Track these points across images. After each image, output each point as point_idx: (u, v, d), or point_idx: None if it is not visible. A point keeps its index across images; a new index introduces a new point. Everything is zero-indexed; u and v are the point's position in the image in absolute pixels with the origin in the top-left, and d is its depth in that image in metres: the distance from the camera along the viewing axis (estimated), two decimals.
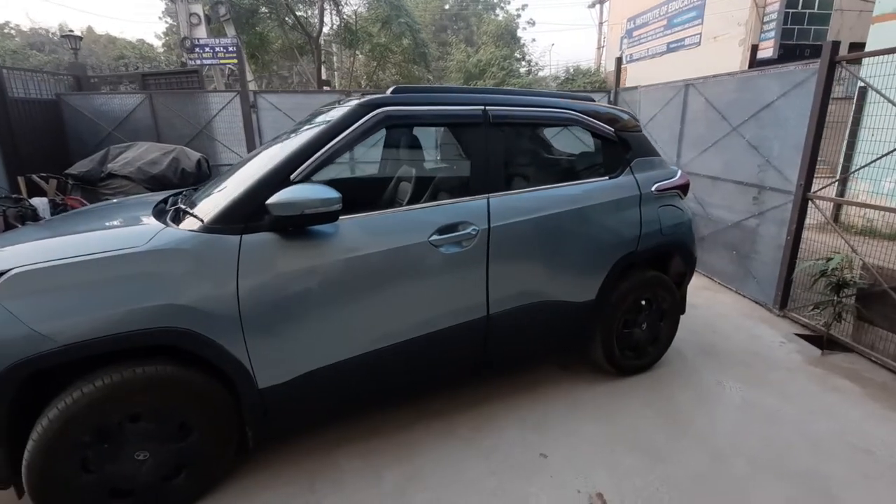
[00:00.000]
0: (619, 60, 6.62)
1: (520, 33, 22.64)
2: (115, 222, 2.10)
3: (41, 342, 1.51)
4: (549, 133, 3.23)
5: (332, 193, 1.79)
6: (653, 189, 2.66)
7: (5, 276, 1.54)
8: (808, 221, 3.56)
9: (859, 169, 3.21)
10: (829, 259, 3.15)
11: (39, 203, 4.99)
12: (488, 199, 2.21)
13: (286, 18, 15.42)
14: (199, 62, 10.27)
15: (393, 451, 2.21)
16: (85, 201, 5.37)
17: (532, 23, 34.71)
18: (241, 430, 1.93)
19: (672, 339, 2.95)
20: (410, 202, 2.27)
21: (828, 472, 2.10)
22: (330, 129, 1.98)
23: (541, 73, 21.88)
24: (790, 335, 3.42)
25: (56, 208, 5.11)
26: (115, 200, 2.98)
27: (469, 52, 19.87)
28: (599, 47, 21.52)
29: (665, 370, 2.92)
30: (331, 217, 1.82)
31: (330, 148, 1.94)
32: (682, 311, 2.97)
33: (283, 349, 1.86)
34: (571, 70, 18.52)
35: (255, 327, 1.78)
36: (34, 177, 5.49)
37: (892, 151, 2.97)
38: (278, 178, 1.85)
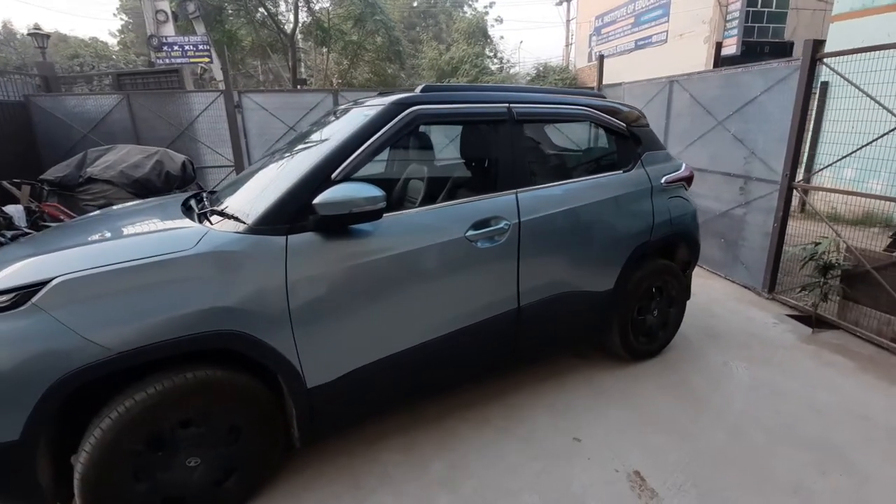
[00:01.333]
0: (601, 57, 6.81)
1: (489, 31, 22.84)
2: (146, 227, 2.05)
3: (95, 351, 1.48)
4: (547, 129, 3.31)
5: (377, 191, 1.80)
6: (662, 181, 2.80)
7: (50, 285, 1.49)
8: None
9: (843, 158, 3.44)
10: (817, 243, 3.38)
11: (14, 211, 4.72)
12: (517, 194, 2.27)
13: (256, 15, 15.04)
14: (167, 61, 9.92)
15: (432, 443, 2.25)
16: (63, 208, 5.12)
17: (500, 20, 35.09)
18: (287, 431, 1.93)
19: (680, 324, 3.10)
20: (441, 200, 2.30)
21: (836, 438, 2.28)
22: (365, 129, 1.99)
23: (512, 71, 22.14)
24: (781, 316, 3.64)
25: (31, 216, 4.86)
26: (97, 212, 2.77)
27: (441, 50, 19.87)
28: (567, 45, 21.95)
29: (674, 354, 3.07)
30: (375, 215, 1.83)
31: (368, 147, 1.96)
32: (688, 296, 3.13)
33: (331, 348, 1.87)
34: (542, 67, 18.79)
35: (305, 327, 1.78)
36: (5, 183, 5.17)
37: (871, 142, 3.21)
38: (320, 177, 1.85)
